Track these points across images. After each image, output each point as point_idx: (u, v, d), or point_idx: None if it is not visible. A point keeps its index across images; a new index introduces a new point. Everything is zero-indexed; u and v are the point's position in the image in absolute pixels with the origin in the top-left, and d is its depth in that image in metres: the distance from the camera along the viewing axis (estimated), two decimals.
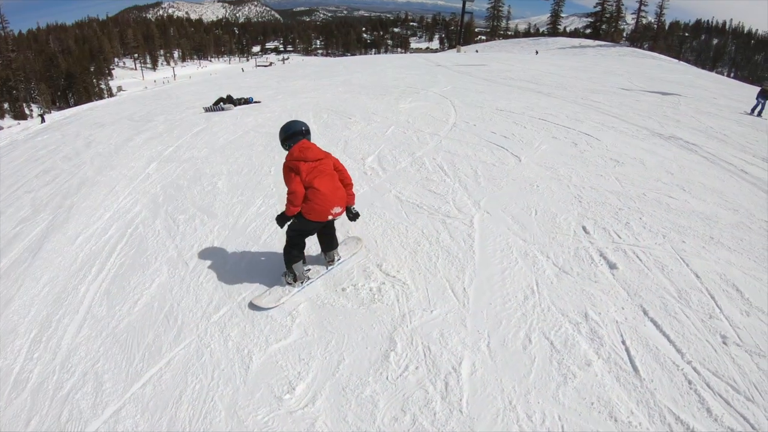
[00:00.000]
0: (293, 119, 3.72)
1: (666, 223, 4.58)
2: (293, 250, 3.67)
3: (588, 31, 74.38)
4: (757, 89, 14.51)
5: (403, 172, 6.28)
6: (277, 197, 5.75)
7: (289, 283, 3.74)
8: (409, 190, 5.60)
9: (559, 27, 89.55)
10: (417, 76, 17.78)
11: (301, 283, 3.79)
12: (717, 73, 61.75)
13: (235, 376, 3.01)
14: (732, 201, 5.27)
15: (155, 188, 6.61)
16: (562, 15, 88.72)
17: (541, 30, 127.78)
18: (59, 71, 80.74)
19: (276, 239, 4.65)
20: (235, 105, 13.31)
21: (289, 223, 3.58)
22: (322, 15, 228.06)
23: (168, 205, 5.92)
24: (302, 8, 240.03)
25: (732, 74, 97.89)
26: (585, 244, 4.17)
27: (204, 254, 4.59)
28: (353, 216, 3.76)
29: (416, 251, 4.24)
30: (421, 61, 26.52)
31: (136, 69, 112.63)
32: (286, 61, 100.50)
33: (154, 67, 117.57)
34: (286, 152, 3.51)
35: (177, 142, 9.20)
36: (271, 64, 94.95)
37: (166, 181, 6.85)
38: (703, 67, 55.43)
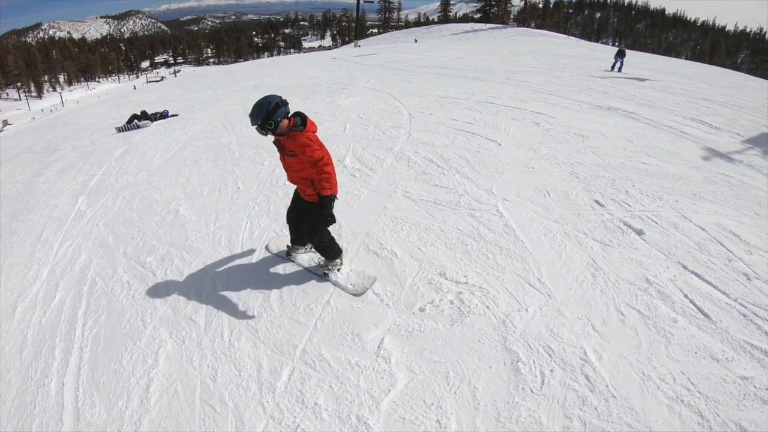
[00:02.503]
0: (263, 96, 3.16)
1: (654, 187, 5.00)
2: (329, 233, 3.50)
3: (478, 15, 77.53)
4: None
5: (393, 170, 5.86)
6: (265, 216, 4.96)
7: (340, 269, 3.61)
8: (415, 188, 5.23)
9: (450, 14, 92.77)
10: (331, 73, 17.29)
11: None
12: (602, 44, 67.01)
13: None
14: (690, 160, 5.91)
15: (97, 228, 5.41)
16: (452, 2, 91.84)
17: (430, 18, 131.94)
18: None
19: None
20: (152, 121, 11.87)
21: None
22: (210, 23, 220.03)
23: (125, 247, 4.81)
24: (189, 17, 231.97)
25: (616, 44, 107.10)
26: (607, 217, 4.39)
27: (211, 302, 3.62)
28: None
29: (468, 251, 3.92)
30: (322, 59, 25.93)
31: (20, 99, 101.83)
32: (178, 74, 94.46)
33: (40, 94, 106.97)
34: (268, 131, 3.09)
35: (100, 169, 7.82)
36: (162, 78, 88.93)
37: (107, 216, 5.66)
38: (589, 40, 59.68)
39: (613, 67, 16.15)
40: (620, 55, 16.32)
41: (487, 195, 4.87)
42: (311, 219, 3.36)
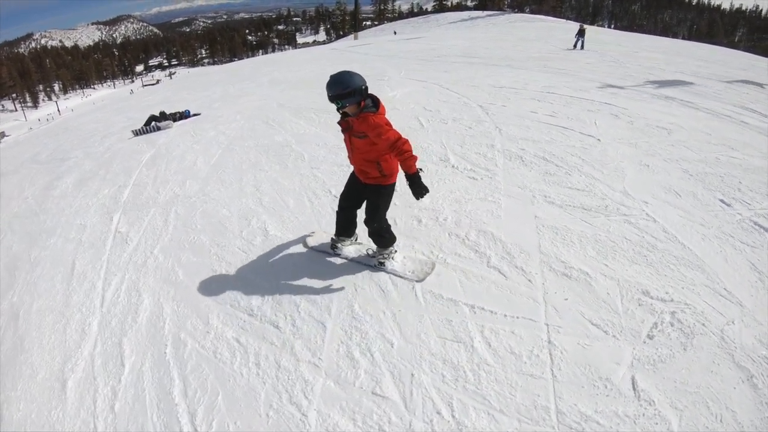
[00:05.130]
0: (347, 71, 3.04)
1: (757, 183, 4.59)
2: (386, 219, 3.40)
3: (473, 3, 76.23)
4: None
5: (512, 170, 5.14)
6: (400, 234, 3.85)
7: (394, 258, 3.47)
8: (552, 192, 4.55)
9: (446, 2, 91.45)
10: (346, 65, 16.17)
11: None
12: (599, 26, 65.89)
13: None
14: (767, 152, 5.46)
15: (153, 257, 4.19)
16: None
17: (424, 8, 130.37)
18: None
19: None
20: (174, 120, 10.64)
21: (383, 202, 3.27)
22: (202, 23, 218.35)
23: (209, 286, 3.60)
24: (180, 19, 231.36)
25: (613, 26, 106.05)
26: (738, 217, 4.02)
27: (390, 361, 2.73)
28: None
29: (651, 264, 3.39)
30: (327, 53, 25.09)
31: (16, 110, 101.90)
32: (173, 76, 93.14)
33: (35, 104, 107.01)
34: (340, 107, 3.02)
35: (130, 178, 6.61)
36: (158, 81, 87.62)
37: (163, 240, 4.43)
38: (583, 23, 58.63)
39: (575, 46, 17.20)
40: (581, 33, 17.47)
41: (625, 197, 4.39)
42: (372, 203, 3.27)
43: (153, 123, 10.43)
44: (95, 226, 5.23)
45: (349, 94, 2.91)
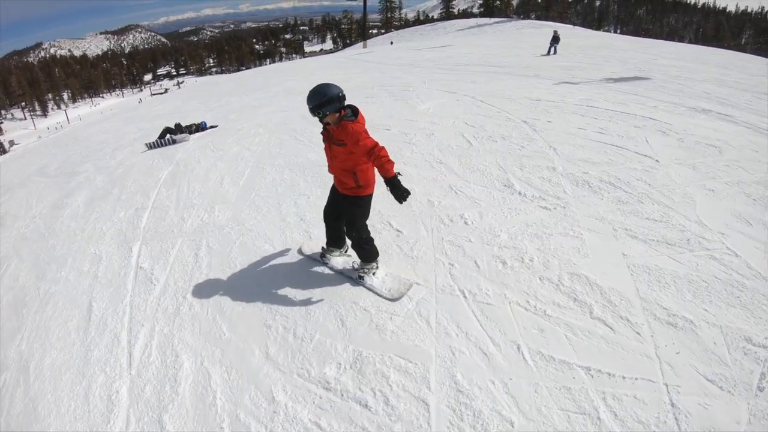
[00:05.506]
0: (324, 83, 3.06)
1: None
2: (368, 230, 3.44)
3: (478, 10, 75.98)
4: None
5: (582, 198, 4.62)
6: (484, 278, 3.40)
7: (375, 273, 3.47)
8: (630, 224, 4.11)
9: (453, 10, 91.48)
10: (363, 74, 16.08)
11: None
12: (605, 31, 65.34)
13: None
14: None
15: (187, 303, 3.58)
16: None
17: (431, 15, 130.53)
18: None
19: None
20: (190, 133, 10.13)
21: (359, 213, 3.31)
22: (209, 32, 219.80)
23: (273, 351, 2.99)
24: (188, 28, 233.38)
25: (618, 31, 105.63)
26: None
27: None
28: None
29: (745, 305, 3.07)
30: (339, 61, 24.92)
31: (25, 118, 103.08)
32: (181, 85, 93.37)
33: (45, 113, 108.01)
34: (321, 117, 3.04)
35: (147, 199, 6.06)
36: (166, 90, 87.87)
37: (196, 280, 3.82)
38: (590, 28, 58.40)
39: (549, 52, 17.84)
40: (555, 40, 18.15)
41: (702, 228, 4.03)
42: (349, 213, 3.34)
43: (168, 136, 9.90)
44: (112, 257, 4.67)
45: (327, 102, 2.97)
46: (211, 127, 10.82)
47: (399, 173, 2.99)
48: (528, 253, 3.73)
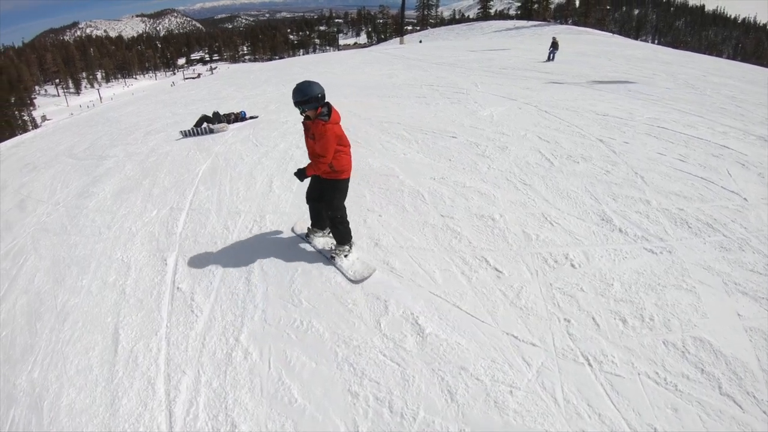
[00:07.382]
0: (307, 81, 3.33)
1: None
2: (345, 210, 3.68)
3: (515, 12, 74.22)
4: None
5: (692, 246, 3.91)
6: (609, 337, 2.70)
7: (347, 256, 3.68)
8: (739, 277, 3.48)
9: (490, 11, 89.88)
10: (406, 72, 15.36)
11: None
12: (642, 41, 63.15)
13: None
14: None
15: (242, 348, 2.90)
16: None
17: (466, 15, 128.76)
18: None
19: None
20: (229, 123, 9.55)
21: (337, 195, 3.57)
22: (244, 20, 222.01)
23: (364, 417, 2.35)
24: (223, 15, 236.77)
25: (656, 41, 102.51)
26: None
27: None
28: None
29: None
30: (378, 56, 23.81)
31: (59, 95, 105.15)
32: (214, 71, 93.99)
33: (78, 91, 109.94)
34: (302, 112, 3.37)
35: (183, 198, 5.45)
36: (199, 75, 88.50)
37: (254, 323, 3.13)
38: (628, 37, 56.45)
39: (548, 58, 18.05)
40: (554, 46, 18.26)
41: None
42: (329, 194, 3.56)
43: (205, 124, 9.32)
44: (143, 269, 4.05)
45: (307, 101, 3.26)
46: (251, 117, 10.24)
47: (307, 177, 3.47)
48: (647, 310, 3.13)
